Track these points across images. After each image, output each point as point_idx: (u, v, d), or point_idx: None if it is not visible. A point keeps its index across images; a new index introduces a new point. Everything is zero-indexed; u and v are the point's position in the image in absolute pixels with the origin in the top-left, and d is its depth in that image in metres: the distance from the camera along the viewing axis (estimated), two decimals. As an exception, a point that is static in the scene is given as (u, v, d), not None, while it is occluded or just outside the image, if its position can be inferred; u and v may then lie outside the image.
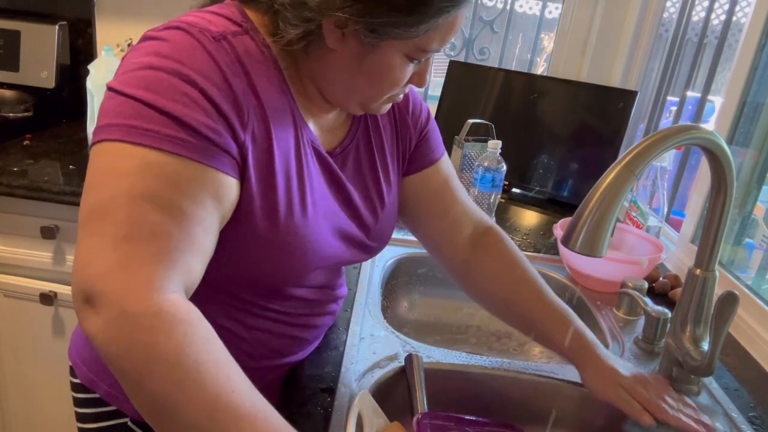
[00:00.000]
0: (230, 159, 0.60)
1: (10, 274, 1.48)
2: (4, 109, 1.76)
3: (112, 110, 0.57)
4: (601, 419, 0.85)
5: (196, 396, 0.49)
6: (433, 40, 0.65)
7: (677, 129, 0.73)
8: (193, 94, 0.58)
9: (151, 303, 0.51)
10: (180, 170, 0.56)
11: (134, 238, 0.53)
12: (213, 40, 0.61)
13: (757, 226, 1.51)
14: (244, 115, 0.61)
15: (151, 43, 0.60)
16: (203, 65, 0.59)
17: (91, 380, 0.80)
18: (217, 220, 0.60)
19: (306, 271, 0.74)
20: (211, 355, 0.52)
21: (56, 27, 1.77)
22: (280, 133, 0.66)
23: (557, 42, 1.93)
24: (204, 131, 0.58)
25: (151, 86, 0.57)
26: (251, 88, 0.63)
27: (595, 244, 0.73)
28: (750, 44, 1.18)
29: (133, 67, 0.59)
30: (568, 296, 1.19)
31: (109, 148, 0.56)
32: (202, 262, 0.58)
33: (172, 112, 0.56)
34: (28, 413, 1.60)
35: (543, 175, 1.71)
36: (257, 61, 0.64)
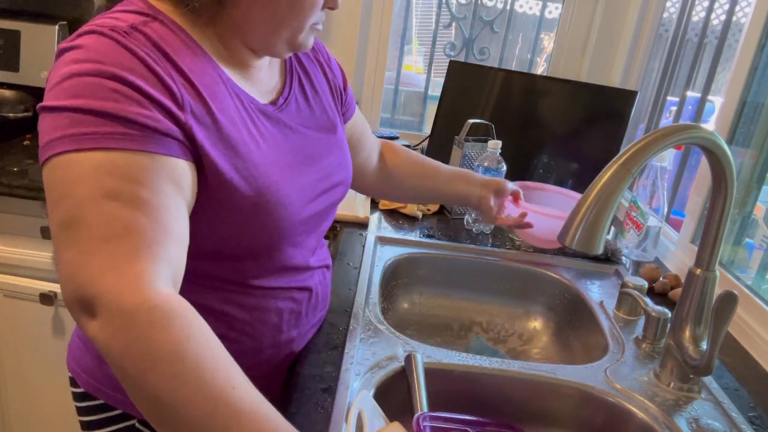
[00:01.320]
0: (176, 142, 0.61)
1: (10, 274, 1.48)
2: (4, 109, 1.76)
3: (48, 127, 0.58)
4: (601, 419, 0.86)
5: (197, 391, 0.50)
6: None
7: (675, 128, 0.73)
8: (120, 88, 0.58)
9: (144, 298, 0.51)
10: (130, 163, 0.57)
11: (111, 237, 0.54)
12: (125, 33, 0.61)
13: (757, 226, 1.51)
14: (177, 97, 0.62)
15: (67, 55, 0.61)
16: (122, 59, 0.59)
17: (95, 387, 0.80)
18: (182, 205, 0.60)
19: (292, 222, 0.74)
20: (209, 351, 0.52)
21: (56, 27, 1.77)
22: (218, 104, 0.67)
23: (557, 42, 1.93)
24: (141, 120, 0.58)
25: (78, 93, 0.57)
26: (176, 69, 0.63)
27: (591, 241, 0.73)
28: (750, 44, 1.18)
29: (56, 81, 0.59)
30: (568, 295, 1.19)
31: (58, 163, 0.56)
32: (181, 248, 0.58)
33: (105, 110, 0.57)
34: (28, 413, 1.60)
35: (543, 175, 1.71)
36: (173, 43, 0.65)
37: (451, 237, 1.33)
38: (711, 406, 0.84)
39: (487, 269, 1.26)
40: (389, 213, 1.43)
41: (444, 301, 1.26)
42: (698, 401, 0.85)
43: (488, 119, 1.47)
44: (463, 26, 2.03)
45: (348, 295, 1.02)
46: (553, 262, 1.27)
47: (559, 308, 1.21)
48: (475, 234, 1.36)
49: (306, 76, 0.84)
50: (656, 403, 0.83)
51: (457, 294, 1.26)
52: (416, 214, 1.41)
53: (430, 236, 1.32)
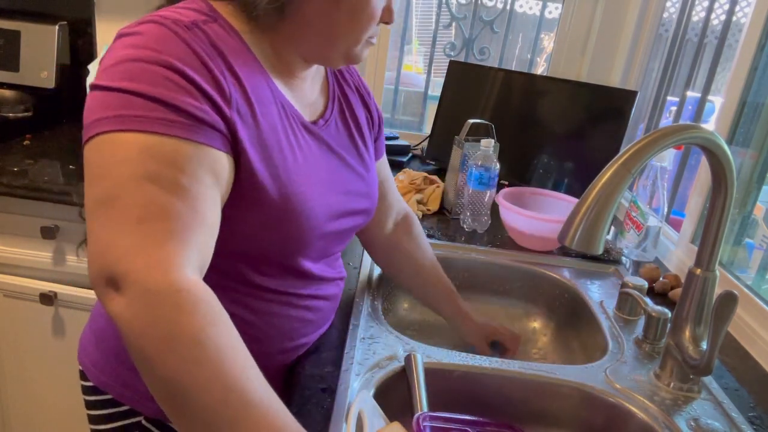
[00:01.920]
0: (220, 135, 0.63)
1: (10, 274, 1.48)
2: (4, 109, 1.76)
3: (98, 106, 0.59)
4: (601, 419, 0.86)
5: (213, 378, 0.50)
6: None
7: (675, 128, 0.73)
8: (174, 78, 0.60)
9: (173, 281, 0.52)
10: (176, 149, 0.58)
11: (147, 219, 0.54)
12: (186, 28, 0.63)
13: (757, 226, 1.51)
14: (225, 93, 0.64)
15: (125, 39, 0.63)
16: (179, 51, 0.61)
17: (104, 382, 0.81)
18: (218, 196, 0.62)
19: (312, 234, 0.76)
20: (229, 340, 0.53)
21: (56, 27, 1.77)
22: (262, 108, 0.69)
23: (557, 42, 1.93)
24: (191, 110, 0.60)
25: (134, 76, 0.59)
26: (229, 69, 0.65)
27: (591, 241, 0.73)
28: (750, 44, 1.18)
29: (112, 62, 0.61)
30: (567, 295, 1.19)
31: (103, 141, 0.58)
32: (211, 238, 0.60)
33: (158, 96, 0.58)
34: (28, 413, 1.60)
35: (543, 175, 1.71)
36: (229, 45, 0.67)
37: (450, 237, 1.33)
38: (711, 406, 0.84)
39: (487, 269, 1.26)
40: (389, 213, 1.43)
41: (444, 301, 1.26)
42: (698, 401, 0.85)
43: (488, 119, 1.47)
44: (463, 26, 2.03)
45: (348, 295, 1.02)
46: (553, 262, 1.27)
47: (559, 308, 1.21)
48: (470, 233, 1.36)
49: (347, 104, 0.86)
50: (656, 403, 0.83)
51: (457, 294, 1.26)
52: (416, 214, 1.41)
53: (430, 236, 1.32)
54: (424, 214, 1.45)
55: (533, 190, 1.43)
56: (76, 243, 1.44)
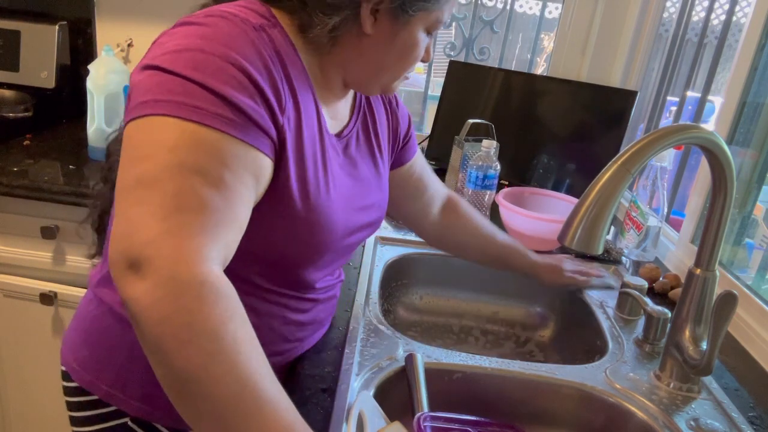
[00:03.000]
0: (269, 141, 0.64)
1: (10, 274, 1.48)
2: (4, 109, 1.76)
3: (156, 86, 0.59)
4: (601, 419, 0.86)
5: (228, 372, 0.50)
6: (446, 11, 0.75)
7: (675, 128, 0.73)
8: (239, 77, 0.60)
9: (199, 272, 0.52)
10: (228, 147, 0.58)
11: (184, 209, 0.54)
12: (254, 29, 0.64)
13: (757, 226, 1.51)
14: (282, 100, 0.65)
15: (192, 28, 0.63)
16: (248, 52, 0.62)
17: (90, 382, 0.80)
18: (253, 198, 0.63)
19: (327, 248, 0.77)
20: (247, 336, 0.53)
21: (56, 27, 1.77)
22: (307, 119, 0.70)
23: (557, 42, 1.93)
24: (250, 113, 0.60)
25: (200, 67, 0.59)
26: (287, 76, 0.67)
27: (591, 241, 0.73)
28: (750, 44, 1.18)
29: (177, 48, 0.60)
30: (567, 295, 1.19)
31: (157, 122, 0.57)
32: (237, 237, 0.60)
33: (221, 92, 0.59)
34: (28, 413, 1.60)
35: (543, 175, 1.71)
36: (288, 53, 0.68)
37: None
38: (711, 406, 0.84)
39: (487, 269, 1.26)
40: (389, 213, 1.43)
41: (444, 302, 1.26)
42: (698, 401, 0.85)
43: (488, 119, 1.47)
44: (463, 26, 2.03)
45: (348, 295, 1.02)
46: (553, 262, 1.27)
47: (559, 308, 1.21)
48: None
49: (370, 114, 0.87)
50: (656, 403, 0.83)
51: (457, 294, 1.26)
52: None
53: (430, 236, 1.32)
54: (424, 214, 1.44)
55: (533, 190, 1.43)
56: (76, 243, 1.44)
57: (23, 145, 1.63)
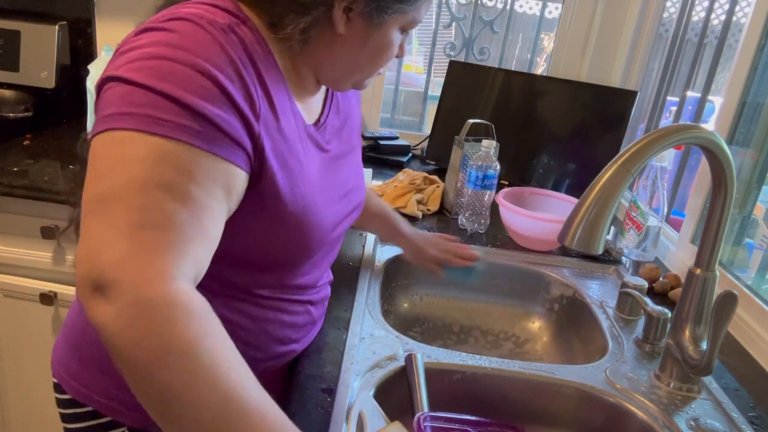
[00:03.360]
0: (242, 152, 0.61)
1: (10, 274, 1.48)
2: (4, 109, 1.76)
3: (120, 99, 0.56)
4: (601, 419, 0.86)
5: (209, 390, 0.49)
6: (422, 11, 0.73)
7: (675, 128, 0.73)
8: (207, 85, 0.58)
9: (167, 292, 0.50)
10: (195, 160, 0.56)
11: (149, 226, 0.52)
12: (222, 31, 0.61)
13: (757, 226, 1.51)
14: (256, 106, 0.62)
15: (155, 34, 0.60)
16: (217, 58, 0.59)
17: (83, 394, 0.78)
18: (224, 211, 0.60)
19: (320, 244, 0.76)
20: (223, 350, 0.52)
21: (56, 27, 1.77)
22: (285, 119, 0.68)
23: (557, 42, 1.93)
24: (219, 123, 0.58)
25: (166, 76, 0.56)
26: (259, 78, 0.64)
27: (591, 241, 0.73)
28: (750, 44, 1.18)
29: (141, 56, 0.58)
30: (567, 295, 1.19)
31: (121, 137, 0.55)
32: (209, 252, 0.58)
33: (188, 102, 0.56)
34: (27, 413, 1.60)
35: (543, 175, 1.71)
36: (259, 51, 0.65)
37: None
38: (711, 406, 0.84)
39: (487, 269, 1.26)
40: (389, 213, 1.43)
41: (444, 302, 1.26)
42: (698, 401, 0.85)
43: (488, 119, 1.47)
44: (463, 26, 2.03)
45: (348, 295, 1.02)
46: (553, 262, 1.27)
47: (559, 308, 1.21)
48: (470, 234, 1.36)
49: (344, 99, 0.87)
50: (656, 403, 0.83)
51: (457, 294, 1.26)
52: (416, 214, 1.41)
53: (430, 236, 1.31)
54: (424, 214, 1.45)
55: (533, 190, 1.43)
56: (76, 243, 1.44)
57: (23, 145, 1.63)
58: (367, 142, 1.90)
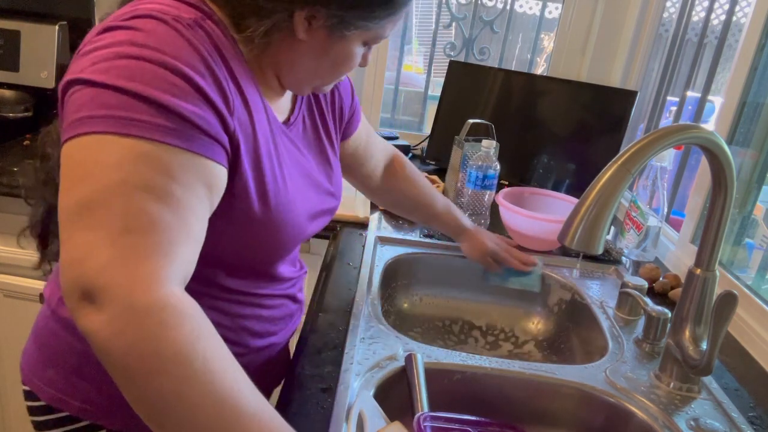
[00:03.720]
0: (220, 147, 0.60)
1: (10, 274, 1.48)
2: (4, 109, 1.76)
3: (90, 101, 0.55)
4: (601, 419, 0.86)
5: (204, 394, 0.49)
6: (389, 28, 0.72)
7: (675, 128, 0.73)
8: (179, 83, 0.56)
9: (158, 296, 0.50)
10: (173, 159, 0.55)
11: (133, 229, 0.51)
12: (188, 27, 0.59)
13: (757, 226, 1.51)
14: (230, 102, 0.61)
15: (119, 33, 0.58)
16: (185, 53, 0.58)
17: (60, 400, 0.77)
18: (207, 209, 0.59)
19: (292, 241, 0.76)
20: (216, 352, 0.51)
21: (56, 27, 1.77)
22: (257, 116, 0.67)
23: (557, 42, 1.93)
24: (194, 120, 0.57)
25: (135, 76, 0.55)
26: (230, 73, 0.63)
27: (591, 241, 0.73)
28: (750, 44, 1.18)
29: (106, 56, 0.56)
30: (567, 295, 1.19)
31: (95, 141, 0.54)
32: (195, 251, 0.57)
33: (161, 101, 0.55)
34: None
35: (543, 175, 1.71)
36: (227, 46, 0.64)
37: (450, 237, 1.33)
38: (711, 406, 0.84)
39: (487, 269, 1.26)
40: (389, 213, 1.43)
41: (444, 302, 1.26)
42: (698, 401, 0.85)
43: (488, 119, 1.47)
44: (463, 26, 2.03)
45: (348, 295, 1.02)
46: (553, 262, 1.27)
47: (559, 308, 1.21)
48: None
49: (314, 96, 0.85)
50: (656, 403, 0.83)
51: (457, 294, 1.26)
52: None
53: (430, 236, 1.32)
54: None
55: (533, 190, 1.43)
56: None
57: (23, 145, 1.63)
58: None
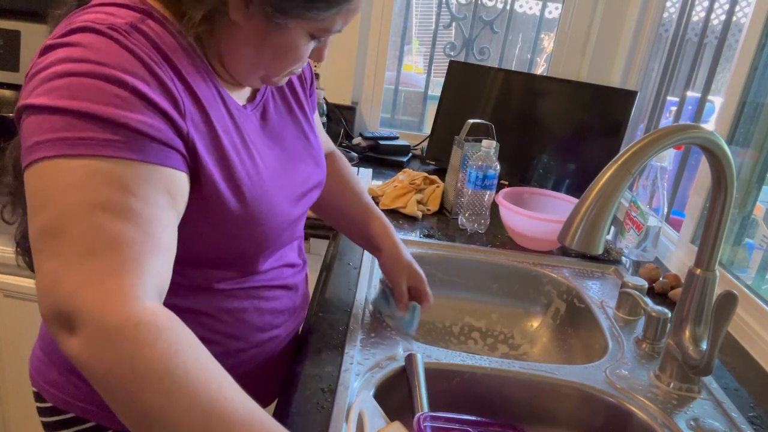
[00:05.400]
0: (175, 152, 0.59)
1: (10, 274, 1.48)
2: (4, 109, 1.76)
3: (38, 128, 0.54)
4: (601, 419, 0.86)
5: (188, 407, 0.48)
6: (337, 22, 0.67)
7: (675, 128, 0.73)
8: (122, 93, 0.55)
9: (129, 314, 0.49)
10: (127, 173, 0.54)
11: (97, 250, 0.51)
12: (125, 33, 0.58)
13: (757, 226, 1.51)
14: (179, 104, 0.60)
15: (58, 52, 0.57)
16: (124, 61, 0.56)
17: (64, 401, 0.77)
18: (173, 217, 0.58)
19: (279, 230, 0.75)
20: (198, 363, 0.51)
21: (56, 27, 1.77)
22: (213, 111, 0.65)
23: (557, 42, 1.93)
24: (143, 129, 0.56)
25: (76, 94, 0.54)
26: (176, 73, 0.61)
27: (591, 241, 0.73)
28: (750, 44, 1.18)
29: (47, 78, 0.55)
30: (567, 295, 1.19)
31: (46, 167, 0.53)
32: (168, 262, 0.56)
33: (105, 115, 0.54)
34: (28, 413, 1.60)
35: (543, 175, 1.71)
36: (170, 43, 0.62)
37: (450, 237, 1.33)
38: (711, 406, 0.84)
39: (487, 269, 1.26)
40: (389, 213, 1.43)
41: (444, 302, 1.26)
42: (698, 401, 0.85)
43: (488, 119, 1.47)
44: (463, 26, 2.03)
45: (348, 295, 1.02)
46: (553, 262, 1.27)
47: (559, 308, 1.21)
48: (470, 234, 1.36)
49: None
50: (656, 403, 0.83)
51: (457, 294, 1.26)
52: (416, 214, 1.41)
53: (430, 236, 1.32)
54: (424, 214, 1.45)
55: (533, 190, 1.43)
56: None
57: (23, 145, 1.63)
58: (367, 142, 1.90)
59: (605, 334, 1.01)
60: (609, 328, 1.03)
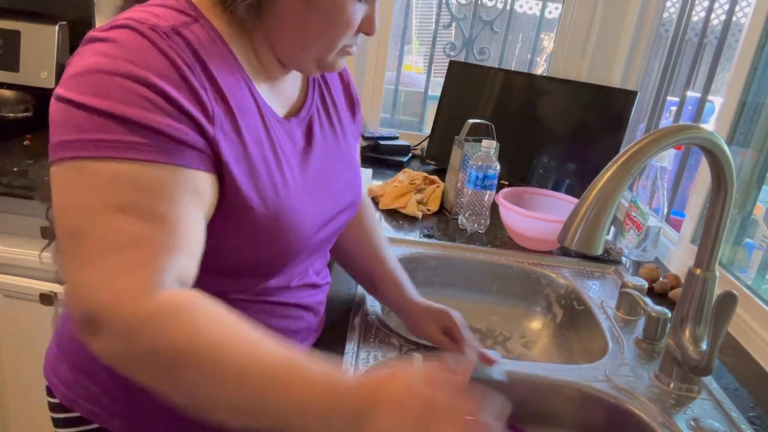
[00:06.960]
0: (201, 155, 0.59)
1: (10, 274, 1.48)
2: (4, 109, 1.76)
3: (65, 124, 0.55)
4: (601, 419, 0.86)
5: (223, 376, 0.50)
6: None
7: (675, 128, 0.73)
8: (149, 95, 0.56)
9: (146, 306, 0.50)
10: (151, 176, 0.55)
11: (115, 251, 0.52)
12: (165, 36, 0.58)
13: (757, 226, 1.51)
14: (208, 110, 0.60)
15: (97, 45, 0.58)
16: (157, 64, 0.57)
17: (72, 400, 0.77)
18: (201, 215, 0.59)
19: (298, 249, 0.73)
20: (224, 331, 0.51)
21: (56, 27, 1.77)
22: (246, 119, 0.65)
23: (557, 42, 1.93)
24: (169, 132, 0.56)
25: (105, 92, 0.55)
26: (210, 79, 0.61)
27: (591, 242, 0.73)
28: (750, 44, 1.18)
29: (81, 70, 0.56)
30: (567, 295, 1.19)
31: (72, 167, 0.54)
32: (194, 258, 0.57)
33: (132, 117, 0.54)
34: (27, 413, 1.60)
35: (543, 176, 1.71)
36: (211, 50, 0.62)
37: (450, 237, 1.33)
38: (711, 406, 0.84)
39: (487, 269, 1.26)
40: (389, 213, 1.43)
41: (444, 302, 1.25)
42: (698, 401, 0.85)
43: (488, 119, 1.47)
44: (463, 26, 2.03)
45: (348, 295, 1.02)
46: (553, 262, 1.27)
47: (559, 308, 1.21)
48: (470, 234, 1.36)
49: (327, 88, 0.82)
50: (656, 403, 0.83)
51: (457, 294, 1.26)
52: (416, 214, 1.41)
53: (430, 236, 1.32)
54: (424, 214, 1.45)
55: (533, 190, 1.43)
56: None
57: (23, 145, 1.63)
58: (367, 142, 1.90)
59: (605, 335, 1.01)
60: (609, 329, 1.03)
